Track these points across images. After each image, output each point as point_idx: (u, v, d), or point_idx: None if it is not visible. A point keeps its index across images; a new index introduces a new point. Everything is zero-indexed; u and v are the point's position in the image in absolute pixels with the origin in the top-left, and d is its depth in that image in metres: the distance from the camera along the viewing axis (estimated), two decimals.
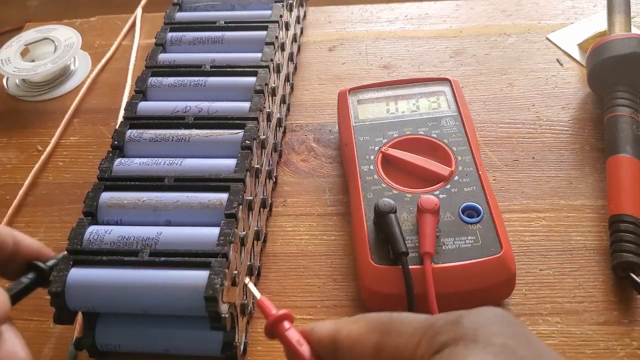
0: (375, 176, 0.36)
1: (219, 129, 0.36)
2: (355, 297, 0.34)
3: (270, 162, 0.40)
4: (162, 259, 0.29)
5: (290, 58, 0.47)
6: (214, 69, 0.39)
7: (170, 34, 0.43)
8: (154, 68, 0.40)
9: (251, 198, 0.34)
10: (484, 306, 0.22)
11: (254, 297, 0.29)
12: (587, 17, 0.51)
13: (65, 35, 0.52)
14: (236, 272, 0.30)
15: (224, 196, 0.32)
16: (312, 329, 0.25)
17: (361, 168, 0.37)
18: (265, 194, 0.38)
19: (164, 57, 0.41)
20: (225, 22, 0.43)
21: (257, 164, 0.35)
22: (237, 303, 0.31)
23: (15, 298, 0.28)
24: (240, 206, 0.31)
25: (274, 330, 0.26)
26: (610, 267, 0.34)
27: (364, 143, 0.38)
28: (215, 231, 0.30)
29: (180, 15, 0.45)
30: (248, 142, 0.34)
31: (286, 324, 0.26)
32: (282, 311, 0.27)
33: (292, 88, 0.48)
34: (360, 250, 0.33)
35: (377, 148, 0.38)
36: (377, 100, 0.41)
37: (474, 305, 0.32)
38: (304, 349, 0.25)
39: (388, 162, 0.37)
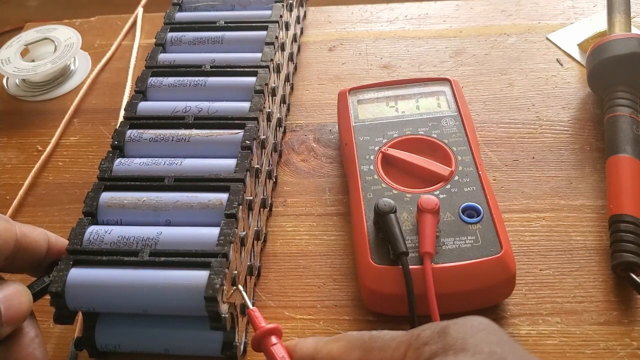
0: (375, 176, 0.36)
1: (219, 129, 0.36)
2: (355, 297, 0.34)
3: (270, 162, 0.40)
4: (162, 259, 0.29)
5: (290, 58, 0.47)
6: (214, 69, 0.39)
7: (170, 34, 0.43)
8: (154, 68, 0.40)
9: (251, 198, 0.34)
10: (468, 316, 0.22)
11: (245, 305, 0.29)
12: (587, 17, 0.51)
13: (65, 35, 0.52)
14: (236, 272, 0.30)
15: (224, 196, 0.32)
16: (295, 346, 0.26)
17: (361, 168, 0.37)
18: (265, 194, 0.38)
19: (164, 57, 0.41)
20: (225, 22, 0.43)
21: (257, 164, 0.35)
22: (237, 303, 0.31)
23: (36, 296, 0.29)
24: (240, 206, 0.31)
25: (260, 344, 0.27)
26: (610, 267, 0.34)
27: (364, 143, 0.38)
28: (215, 231, 0.30)
29: (180, 15, 0.45)
30: (248, 142, 0.34)
31: (273, 339, 0.26)
32: (271, 325, 0.27)
33: (292, 88, 0.48)
34: (360, 250, 0.33)
35: (377, 148, 0.38)
36: (377, 100, 0.41)
37: (474, 305, 0.32)
38: None
39: (388, 162, 0.37)
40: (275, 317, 0.34)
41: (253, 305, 0.29)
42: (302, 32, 0.53)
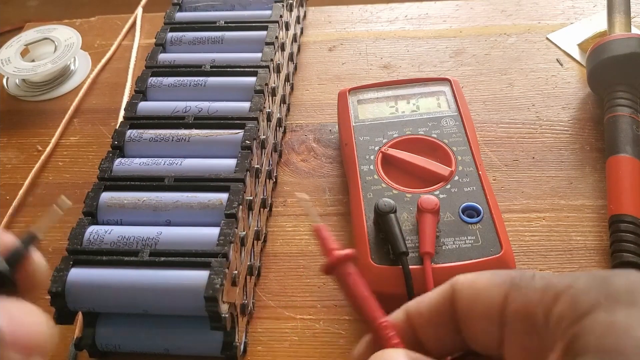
0: (375, 176, 0.36)
1: (219, 129, 0.36)
2: None
3: (270, 162, 0.40)
4: (162, 259, 0.29)
5: (290, 58, 0.47)
6: (214, 69, 0.39)
7: (170, 34, 0.43)
8: (154, 68, 0.40)
9: (251, 198, 0.34)
10: (625, 269, 0.20)
11: (312, 222, 0.24)
12: (587, 17, 0.51)
13: (65, 35, 0.52)
14: (236, 272, 0.30)
15: (224, 196, 0.32)
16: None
17: (361, 168, 0.37)
18: (265, 194, 0.38)
19: (164, 57, 0.41)
20: (225, 22, 0.43)
21: (257, 164, 0.35)
22: (237, 303, 0.31)
23: None
24: (240, 206, 0.31)
25: (337, 272, 0.23)
26: (610, 267, 0.34)
27: (364, 143, 0.38)
28: (215, 231, 0.30)
29: (180, 15, 0.45)
30: (248, 142, 0.34)
31: (350, 267, 0.23)
32: (346, 251, 0.23)
33: (292, 88, 0.48)
34: (360, 250, 0.33)
35: (377, 148, 0.38)
36: (377, 100, 0.41)
37: None
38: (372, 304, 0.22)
39: (388, 162, 0.37)
40: (276, 317, 0.34)
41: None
42: (302, 32, 0.53)
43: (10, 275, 0.22)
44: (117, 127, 0.37)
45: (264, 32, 0.42)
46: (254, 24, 0.43)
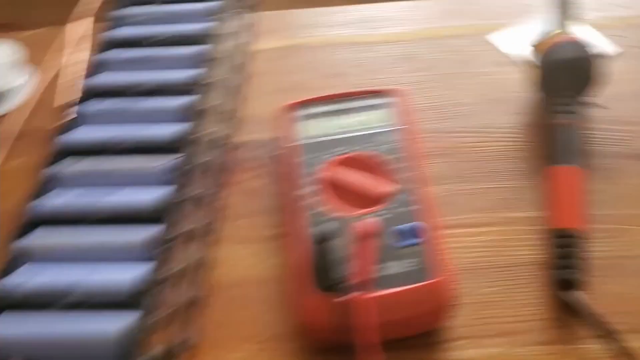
0: (316, 198, 0.35)
1: (153, 154, 0.34)
2: (300, 326, 0.34)
3: (212, 184, 0.39)
4: (81, 306, 0.28)
5: (236, 70, 0.46)
6: (150, 89, 0.38)
7: (104, 55, 0.41)
8: (88, 92, 0.39)
9: (191, 227, 0.33)
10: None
11: None
12: (535, 19, 0.50)
13: (6, 50, 0.50)
14: (168, 311, 0.29)
15: (155, 229, 0.31)
16: None
17: (301, 189, 0.36)
18: (209, 219, 0.37)
19: (98, 79, 0.40)
20: (160, 38, 0.41)
21: (197, 189, 0.34)
22: (175, 340, 0.30)
23: None
24: (174, 241, 0.30)
25: None
26: (552, 284, 0.33)
27: (304, 162, 0.37)
28: (143, 269, 0.29)
29: (116, 33, 0.43)
30: (186, 167, 0.33)
31: None
32: None
33: (238, 102, 0.46)
34: (299, 278, 0.32)
35: (318, 167, 0.37)
36: (321, 116, 0.40)
37: (416, 329, 0.32)
38: None
39: (328, 183, 0.36)
40: (222, 348, 0.33)
41: None
42: (249, 42, 0.51)
43: None
44: (50, 156, 0.35)
45: (204, 47, 0.40)
46: (192, 38, 0.41)
